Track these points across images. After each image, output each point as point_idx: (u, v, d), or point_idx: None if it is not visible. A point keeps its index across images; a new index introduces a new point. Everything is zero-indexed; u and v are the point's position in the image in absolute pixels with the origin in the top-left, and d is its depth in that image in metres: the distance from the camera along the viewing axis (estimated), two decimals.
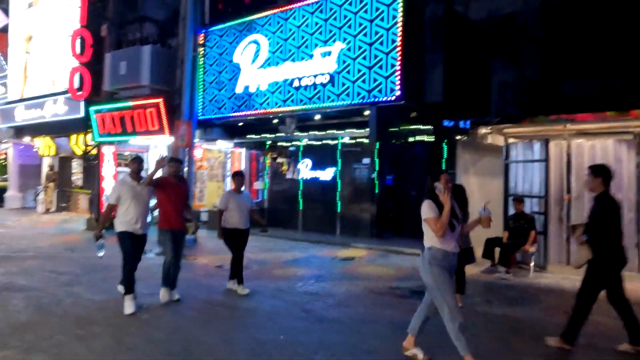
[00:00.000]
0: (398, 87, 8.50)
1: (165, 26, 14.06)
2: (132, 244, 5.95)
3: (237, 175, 6.99)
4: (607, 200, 4.61)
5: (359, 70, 9.04)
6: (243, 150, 14.50)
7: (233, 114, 11.28)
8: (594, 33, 8.28)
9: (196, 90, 11.92)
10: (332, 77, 9.39)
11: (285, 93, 10.21)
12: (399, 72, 8.49)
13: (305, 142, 12.95)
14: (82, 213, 17.54)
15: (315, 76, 9.65)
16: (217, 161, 15.21)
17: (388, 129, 9.82)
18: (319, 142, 12.92)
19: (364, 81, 8.97)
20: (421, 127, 9.95)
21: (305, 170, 13.30)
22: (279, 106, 10.32)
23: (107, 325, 5.47)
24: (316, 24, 9.74)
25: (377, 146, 11.74)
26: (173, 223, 6.15)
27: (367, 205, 12.12)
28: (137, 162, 6.14)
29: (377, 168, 11.98)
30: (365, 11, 8.97)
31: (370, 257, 9.86)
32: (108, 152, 13.76)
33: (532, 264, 8.41)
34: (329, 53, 9.45)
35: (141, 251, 6.19)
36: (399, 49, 8.50)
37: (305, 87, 9.84)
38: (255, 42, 10.77)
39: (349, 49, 9.21)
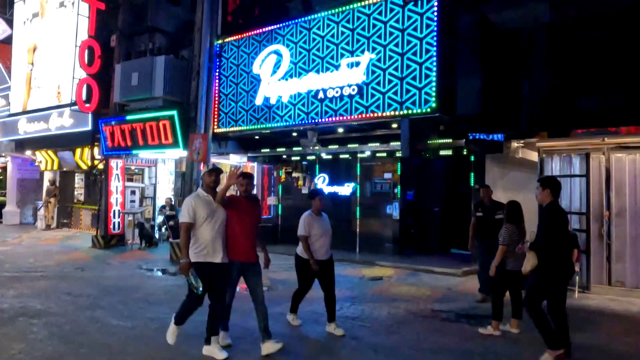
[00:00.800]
0: (433, 98, 8.14)
1: (175, 37, 13.74)
2: (213, 278, 4.78)
3: (318, 195, 5.97)
4: (553, 211, 4.77)
5: (390, 81, 8.69)
6: (255, 165, 14.05)
7: (252, 127, 10.86)
8: (632, 44, 8.02)
9: (211, 102, 11.50)
10: (360, 88, 9.03)
11: (309, 105, 9.82)
12: (434, 83, 8.14)
13: (323, 155, 12.54)
14: (85, 229, 16.94)
15: (342, 87, 9.28)
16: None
17: (418, 142, 9.43)
18: (337, 156, 12.52)
19: (395, 93, 8.61)
20: (450, 140, 9.56)
21: (322, 185, 12.85)
22: (302, 118, 9.92)
23: (141, 356, 4.96)
24: (342, 33, 9.40)
25: (404, 160, 11.40)
26: (242, 252, 4.94)
27: (388, 222, 11.69)
28: (215, 174, 4.99)
29: (399, 183, 11.60)
30: (397, 20, 8.65)
31: (400, 277, 9.40)
32: (116, 166, 13.27)
33: (576, 284, 8.00)
34: (358, 64, 9.10)
35: (226, 283, 4.98)
36: (434, 59, 8.16)
37: (331, 99, 9.47)
38: (276, 52, 10.41)
39: (379, 60, 8.87)
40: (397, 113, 8.60)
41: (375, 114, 8.88)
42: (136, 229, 13.18)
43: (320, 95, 9.62)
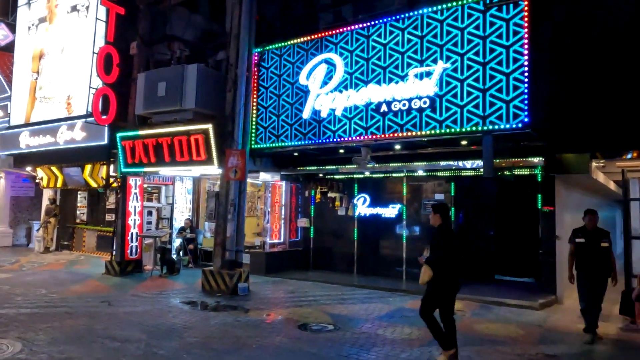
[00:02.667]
0: (525, 112, 7.30)
1: (195, 46, 12.76)
2: None
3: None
4: (443, 232, 5.67)
5: (470, 93, 7.84)
6: (283, 184, 13.00)
7: (297, 143, 9.85)
8: None
9: (249, 115, 10.48)
10: (433, 101, 8.15)
11: (368, 119, 8.89)
12: (526, 96, 7.31)
13: (363, 174, 11.59)
14: (89, 252, 15.60)
15: (410, 100, 8.38)
16: (258, 195, 13.66)
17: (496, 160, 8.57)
18: (380, 175, 11.59)
19: (476, 106, 7.75)
20: (540, 158, 8.67)
21: (362, 206, 11.89)
22: (360, 134, 8.98)
23: None
24: (409, 41, 8.55)
25: (458, 179, 10.54)
26: None
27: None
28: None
29: (453, 204, 10.71)
30: (477, 27, 7.84)
31: (473, 311, 8.43)
32: (135, 184, 12.06)
33: None
34: (429, 74, 8.23)
35: None
36: (524, 69, 7.35)
37: (396, 113, 8.56)
38: (328, 61, 9.48)
39: (454, 70, 8.02)
40: (478, 129, 7.72)
41: (452, 130, 7.98)
42: (157, 254, 11.93)
43: (383, 108, 8.70)
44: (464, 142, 8.89)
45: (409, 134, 8.42)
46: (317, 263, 12.64)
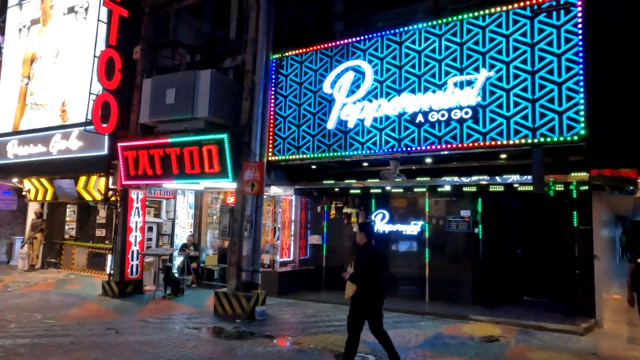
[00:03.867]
0: (582, 125, 6.82)
1: (198, 53, 12.09)
2: None
3: None
4: (366, 249, 5.98)
5: (517, 104, 7.34)
6: (293, 198, 12.30)
7: (320, 155, 9.19)
8: None
9: (266, 125, 9.81)
10: (475, 111, 7.62)
11: (401, 130, 8.31)
12: (582, 107, 6.85)
13: (381, 189, 11.00)
14: (78, 271, 14.54)
15: (449, 110, 7.84)
16: (269, 211, 12.90)
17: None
18: (400, 190, 11.02)
19: (525, 117, 7.25)
20: (585, 173, 8.20)
21: (380, 222, 11.26)
22: (392, 146, 8.38)
23: None
24: (447, 48, 8.05)
25: (486, 194, 10.03)
26: None
27: (467, 266, 10.19)
28: None
29: (481, 222, 10.18)
30: (523, 34, 7.39)
31: (516, 337, 7.82)
32: (137, 198, 11.19)
33: None
34: (470, 83, 7.72)
35: None
36: (579, 77, 6.90)
37: (433, 124, 8.00)
38: (355, 69, 8.91)
39: (499, 78, 7.53)
40: (527, 141, 7.21)
41: (497, 142, 7.45)
42: (161, 273, 11.04)
43: (419, 119, 8.14)
44: (503, 156, 8.39)
45: (448, 146, 7.86)
46: (330, 283, 11.92)
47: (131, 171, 10.85)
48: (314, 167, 10.50)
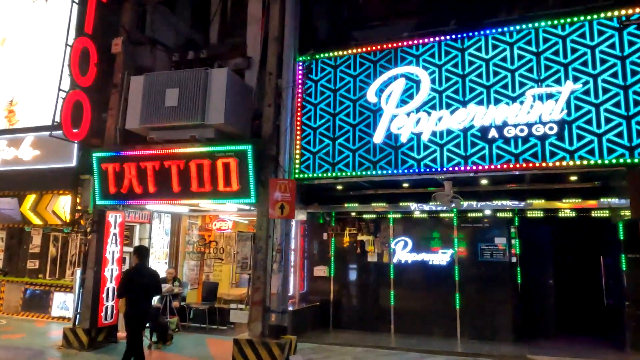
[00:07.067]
0: None
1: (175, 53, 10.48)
2: None
3: None
4: (130, 270, 6.94)
5: (609, 120, 6.70)
6: (294, 223, 10.74)
7: (364, 173, 7.90)
8: None
9: (294, 137, 8.36)
10: (561, 127, 6.87)
11: (468, 147, 7.33)
12: None
13: (400, 213, 9.94)
14: (11, 313, 11.68)
15: (529, 125, 7.01)
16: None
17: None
18: (424, 216, 10.03)
19: (619, 135, 6.62)
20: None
21: (401, 251, 10.12)
22: (457, 164, 7.35)
23: None
24: (520, 57, 7.28)
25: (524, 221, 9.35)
26: None
27: (504, 299, 9.35)
28: None
29: (517, 249, 9.46)
30: (611, 46, 6.83)
31: None
32: (114, 222, 9.02)
33: None
34: (553, 96, 6.98)
35: None
36: None
37: (508, 140, 7.12)
38: (408, 76, 7.84)
39: (586, 92, 6.87)
40: (626, 161, 6.56)
41: (588, 162, 6.72)
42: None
43: (492, 134, 7.22)
44: (573, 178, 7.73)
45: (529, 165, 6.99)
46: (339, 321, 10.45)
47: (110, 188, 8.72)
48: (339, 187, 9.16)
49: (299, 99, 8.55)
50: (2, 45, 10.41)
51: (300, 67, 8.63)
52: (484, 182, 8.27)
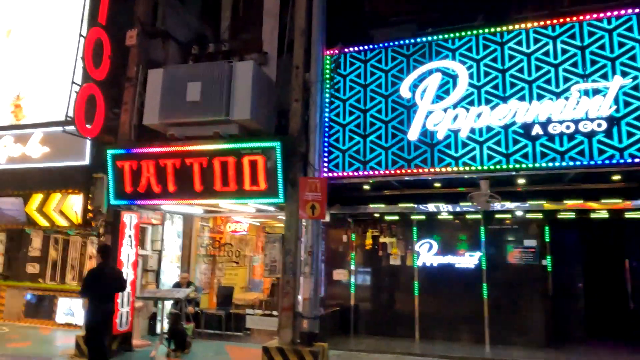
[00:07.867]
0: None
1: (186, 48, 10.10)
2: None
3: None
4: (94, 270, 6.86)
5: None
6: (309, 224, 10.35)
7: (396, 171, 7.55)
8: None
9: (323, 134, 7.99)
10: (610, 123, 6.60)
11: (510, 144, 7.02)
12: None
13: (424, 215, 9.61)
14: (13, 320, 11.05)
15: (576, 122, 6.73)
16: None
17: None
18: (450, 217, 9.71)
19: None
20: None
21: (426, 254, 9.78)
22: (498, 162, 7.04)
23: None
24: (564, 51, 7.01)
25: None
26: None
27: (535, 303, 9.04)
28: None
29: (549, 252, 9.17)
30: None
31: None
32: (130, 223, 8.55)
33: None
34: (600, 91, 6.71)
35: None
36: None
37: (553, 137, 6.83)
38: (444, 70, 7.52)
39: (634, 87, 6.62)
40: None
41: (638, 159, 6.46)
42: (163, 322, 8.40)
43: (536, 130, 6.93)
44: (615, 177, 7.45)
45: (576, 163, 6.71)
46: (360, 326, 10.06)
47: (126, 187, 8.26)
48: (366, 186, 8.79)
49: (327, 95, 8.18)
50: (8, 37, 9.87)
51: (330, 62, 8.27)
52: (520, 181, 7.96)
